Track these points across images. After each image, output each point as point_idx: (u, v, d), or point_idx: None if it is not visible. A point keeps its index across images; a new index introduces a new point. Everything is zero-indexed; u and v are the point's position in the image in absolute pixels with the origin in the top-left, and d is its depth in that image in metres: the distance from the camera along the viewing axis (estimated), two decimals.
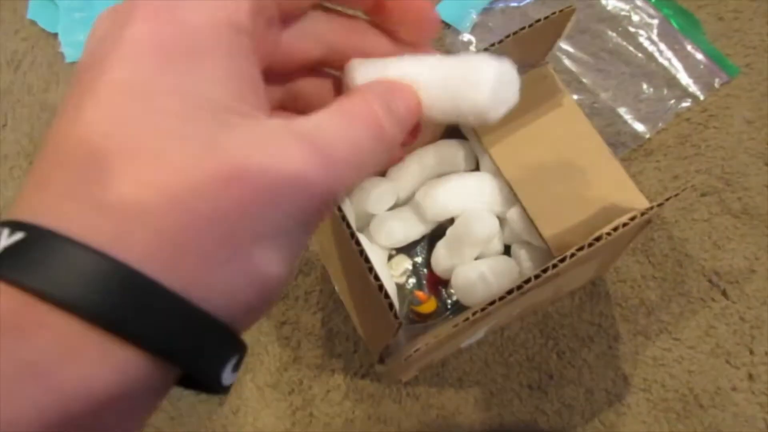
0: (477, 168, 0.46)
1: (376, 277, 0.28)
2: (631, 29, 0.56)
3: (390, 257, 0.47)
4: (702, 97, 0.53)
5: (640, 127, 0.52)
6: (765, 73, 0.54)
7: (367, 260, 0.28)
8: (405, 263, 0.47)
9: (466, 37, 0.57)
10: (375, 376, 0.46)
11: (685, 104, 0.53)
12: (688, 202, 0.50)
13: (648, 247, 0.49)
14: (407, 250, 0.47)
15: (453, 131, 0.47)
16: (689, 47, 0.55)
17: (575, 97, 0.54)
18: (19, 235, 0.13)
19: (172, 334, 0.14)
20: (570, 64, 0.55)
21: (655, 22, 0.56)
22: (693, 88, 0.54)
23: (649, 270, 0.48)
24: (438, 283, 0.46)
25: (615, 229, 0.30)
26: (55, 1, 0.59)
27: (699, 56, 0.55)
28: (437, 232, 0.45)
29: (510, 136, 0.42)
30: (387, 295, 0.27)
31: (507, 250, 0.45)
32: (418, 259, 0.47)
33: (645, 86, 0.54)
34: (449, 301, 0.46)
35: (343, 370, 0.46)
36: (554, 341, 0.47)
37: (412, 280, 0.47)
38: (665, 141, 0.52)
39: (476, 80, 0.17)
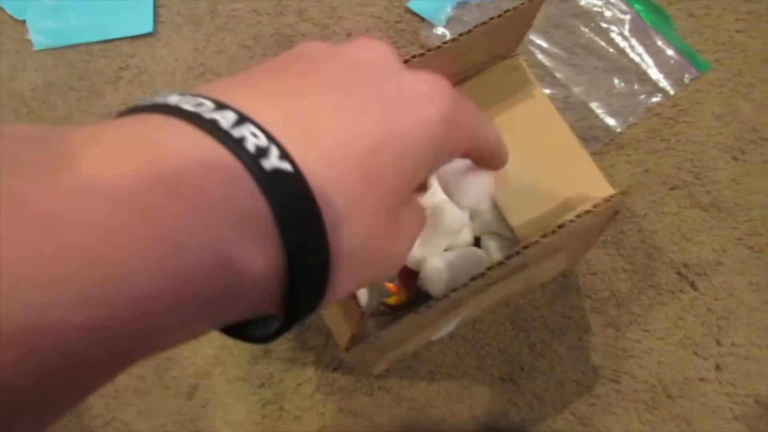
0: None
1: None
2: (604, 25, 0.57)
3: None
4: (672, 92, 0.54)
5: (611, 121, 0.53)
6: (734, 69, 0.55)
7: None
8: None
9: (440, 30, 0.56)
10: (346, 369, 0.46)
11: (656, 99, 0.54)
12: (658, 195, 0.51)
13: (618, 240, 0.49)
14: None
15: None
16: (660, 43, 0.56)
17: (548, 91, 0.54)
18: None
19: (308, 262, 0.15)
20: (543, 59, 0.56)
21: (628, 17, 0.57)
22: (664, 83, 0.54)
23: (619, 262, 0.49)
24: (409, 275, 0.46)
25: (578, 216, 0.30)
26: None
27: (670, 52, 0.55)
28: None
29: None
30: None
31: (477, 242, 0.45)
32: None
33: (617, 81, 0.55)
34: (421, 293, 0.46)
35: (314, 363, 0.46)
36: (526, 333, 0.47)
37: None
38: (636, 135, 0.53)
39: None
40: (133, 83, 0.56)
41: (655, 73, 0.55)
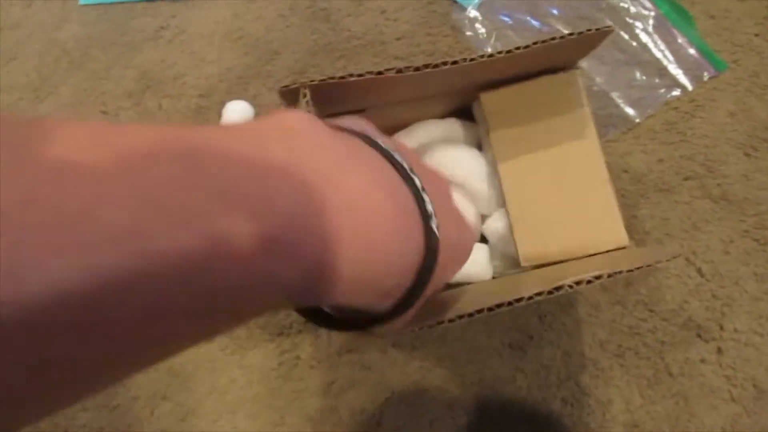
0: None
1: None
2: (629, 20, 0.59)
3: None
4: (690, 88, 0.56)
5: (630, 111, 0.55)
6: (750, 71, 0.57)
7: None
8: None
9: (473, 13, 0.59)
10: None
11: (674, 93, 0.56)
12: (671, 184, 0.53)
13: (631, 224, 0.51)
14: None
15: (463, 112, 0.47)
16: (681, 41, 0.58)
17: None
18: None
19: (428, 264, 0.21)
20: None
21: (652, 14, 0.59)
22: (682, 79, 0.56)
23: (630, 245, 0.50)
24: None
25: (578, 283, 0.29)
26: None
27: (690, 50, 0.57)
28: None
29: (517, 137, 0.41)
30: None
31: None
32: None
33: (638, 74, 0.57)
34: None
35: None
36: (536, 305, 0.49)
37: None
38: (653, 126, 0.55)
39: None
40: (172, 43, 0.58)
41: (674, 69, 0.57)
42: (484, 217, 0.44)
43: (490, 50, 0.59)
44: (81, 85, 0.56)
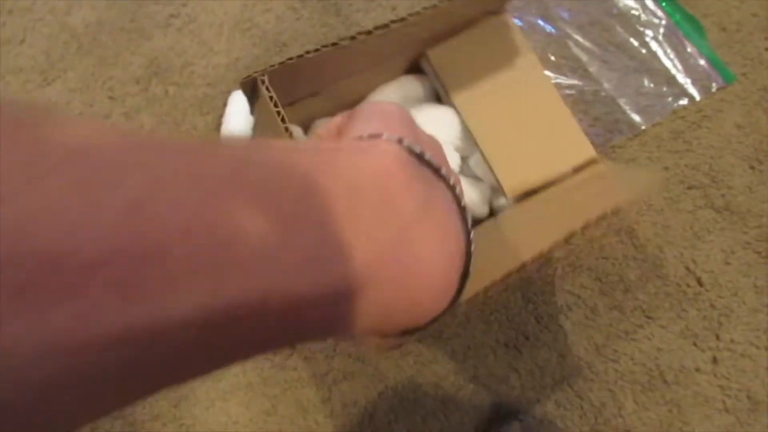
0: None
1: None
2: (639, 27, 0.59)
3: None
4: (698, 98, 0.56)
5: (637, 118, 0.55)
6: (759, 84, 0.57)
7: None
8: None
9: None
10: None
11: (682, 103, 0.56)
12: (675, 193, 0.53)
13: (632, 230, 0.51)
14: None
15: (413, 68, 0.48)
16: (691, 51, 0.58)
17: (579, 83, 0.56)
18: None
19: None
20: (578, 53, 0.58)
21: (663, 22, 0.59)
22: (691, 88, 0.56)
23: (631, 251, 0.50)
24: None
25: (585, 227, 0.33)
26: None
27: (700, 60, 0.57)
28: None
29: (471, 82, 0.43)
30: None
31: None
32: None
33: (646, 81, 0.57)
34: None
35: None
36: (534, 305, 0.49)
37: None
38: (660, 134, 0.55)
39: None
40: (181, 31, 0.59)
41: (683, 78, 0.57)
42: (464, 159, 0.46)
43: None
44: (89, 70, 0.56)
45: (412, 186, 0.19)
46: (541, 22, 0.59)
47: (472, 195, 0.44)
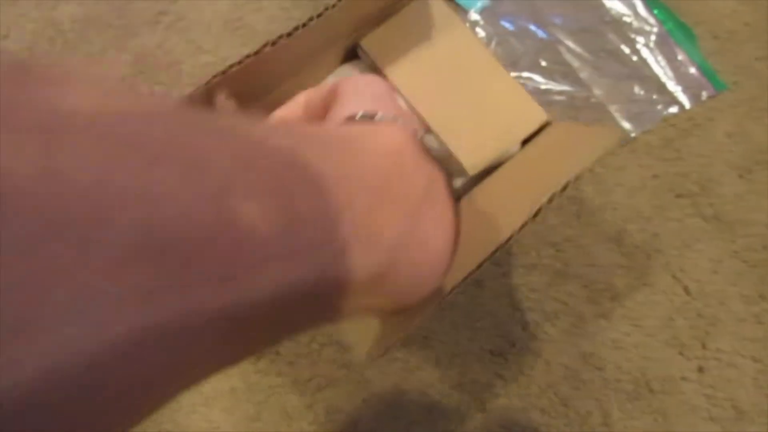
0: None
1: None
2: (631, 34, 0.59)
3: None
4: (688, 106, 0.56)
5: (627, 125, 0.55)
6: (749, 93, 0.57)
7: None
8: None
9: (474, 17, 0.58)
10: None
11: (672, 110, 0.55)
12: (664, 201, 0.52)
13: (620, 237, 0.51)
14: None
15: (351, 54, 0.46)
16: (682, 58, 0.58)
17: (570, 89, 0.56)
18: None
19: None
20: (570, 59, 0.57)
21: (655, 30, 0.59)
22: (682, 96, 0.56)
23: (618, 258, 0.50)
24: None
25: (550, 200, 0.31)
26: None
27: (691, 68, 0.57)
28: None
29: (409, 65, 0.42)
30: None
31: None
32: None
33: (637, 89, 0.56)
34: None
35: None
36: (521, 313, 0.48)
37: None
38: (650, 141, 0.54)
39: None
40: (170, 29, 0.58)
41: (674, 86, 0.56)
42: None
43: None
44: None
45: (420, 164, 0.19)
46: (533, 27, 0.59)
47: None
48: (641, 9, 0.60)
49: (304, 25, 0.35)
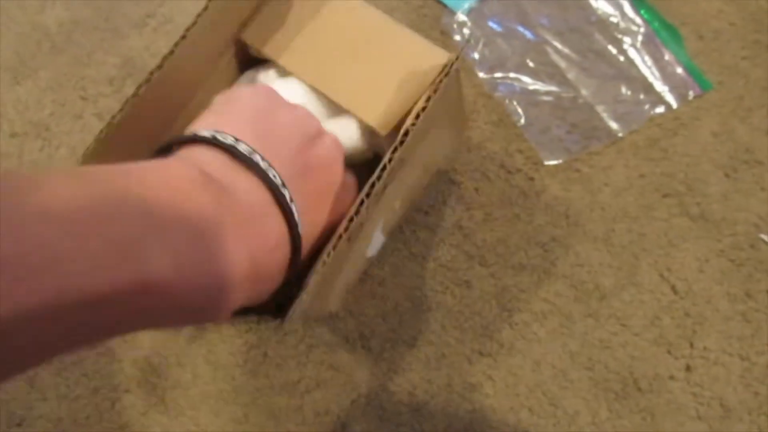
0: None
1: None
2: (617, 35, 0.59)
3: None
4: (675, 106, 0.56)
5: (614, 125, 0.55)
6: (735, 93, 0.57)
7: None
8: None
9: (461, 18, 0.58)
10: (333, 324, 0.47)
11: (659, 110, 0.56)
12: (651, 200, 0.53)
13: (608, 237, 0.51)
14: None
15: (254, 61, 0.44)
16: (669, 58, 0.58)
17: (557, 89, 0.56)
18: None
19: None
20: (557, 59, 0.58)
21: (641, 30, 0.59)
22: (668, 96, 0.56)
23: (606, 258, 0.50)
24: None
25: (428, 98, 0.33)
26: None
27: (677, 68, 0.58)
28: None
29: (297, 45, 0.41)
30: None
31: None
32: None
33: (624, 89, 0.57)
34: None
35: None
36: (509, 313, 0.48)
37: None
38: (636, 141, 0.55)
39: None
40: (157, 31, 0.58)
41: (660, 86, 0.57)
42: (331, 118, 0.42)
43: (477, 56, 0.59)
44: (61, 69, 0.55)
45: (201, 197, 0.22)
46: (520, 28, 0.59)
47: (350, 132, 0.41)
48: (628, 9, 0.60)
49: (184, 34, 0.36)
